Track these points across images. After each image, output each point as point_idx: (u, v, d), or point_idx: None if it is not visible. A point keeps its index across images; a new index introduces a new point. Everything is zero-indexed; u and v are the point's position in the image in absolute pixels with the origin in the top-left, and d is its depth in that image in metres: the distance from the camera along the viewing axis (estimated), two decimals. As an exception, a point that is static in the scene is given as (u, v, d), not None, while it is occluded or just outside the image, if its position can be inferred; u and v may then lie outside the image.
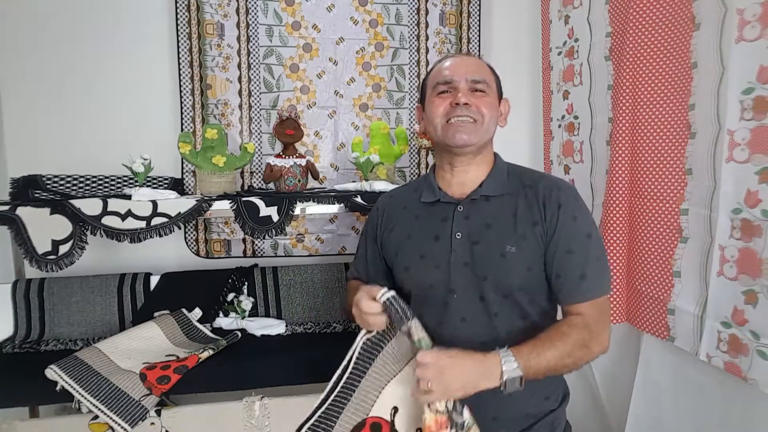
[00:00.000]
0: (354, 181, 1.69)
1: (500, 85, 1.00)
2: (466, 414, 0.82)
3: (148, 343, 1.41)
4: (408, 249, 0.98)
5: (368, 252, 1.10)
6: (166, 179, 1.76)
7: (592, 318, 0.88)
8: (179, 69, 1.76)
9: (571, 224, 0.90)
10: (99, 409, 1.17)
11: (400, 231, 1.01)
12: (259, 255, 1.90)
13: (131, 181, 1.68)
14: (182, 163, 1.79)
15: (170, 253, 1.84)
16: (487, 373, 0.79)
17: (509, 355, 0.80)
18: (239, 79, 1.81)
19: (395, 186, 1.53)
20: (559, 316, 0.97)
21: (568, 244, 0.89)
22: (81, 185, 1.64)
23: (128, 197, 1.36)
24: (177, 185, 1.77)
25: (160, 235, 1.34)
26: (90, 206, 1.31)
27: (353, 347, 0.91)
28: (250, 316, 1.65)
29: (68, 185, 1.62)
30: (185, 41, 1.76)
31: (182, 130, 1.78)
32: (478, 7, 1.91)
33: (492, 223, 0.92)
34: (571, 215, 0.91)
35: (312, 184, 1.73)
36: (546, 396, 0.95)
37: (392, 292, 0.87)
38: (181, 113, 1.78)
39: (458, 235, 0.93)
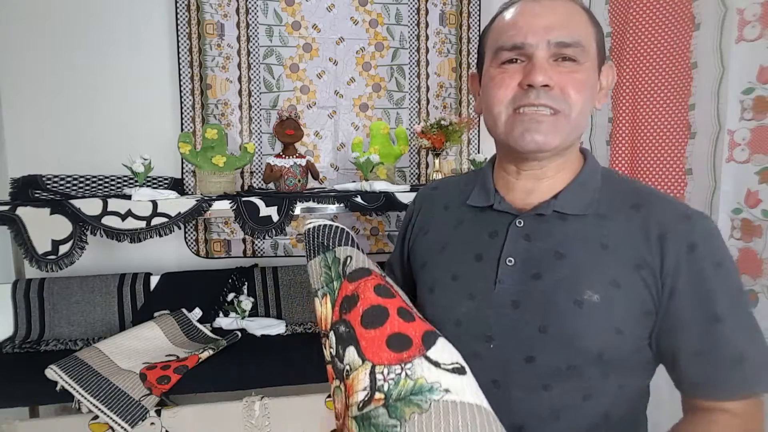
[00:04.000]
0: (354, 181, 1.69)
1: (603, 41, 0.66)
2: (347, 358, 0.62)
3: (148, 343, 1.41)
4: (438, 264, 0.73)
5: (394, 256, 0.89)
6: (166, 179, 1.76)
7: (753, 422, 0.60)
8: (179, 69, 1.76)
9: (713, 275, 0.59)
10: (99, 409, 1.17)
11: (434, 237, 0.76)
12: (259, 255, 1.89)
13: (131, 181, 1.68)
14: (182, 163, 1.79)
15: (170, 253, 1.84)
16: None
17: None
18: (239, 79, 1.81)
19: (396, 186, 1.54)
20: (656, 405, 0.72)
21: (713, 307, 0.58)
22: (81, 185, 1.64)
23: (128, 197, 1.36)
24: (177, 185, 1.77)
25: (160, 235, 1.34)
26: (90, 206, 1.31)
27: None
28: (250, 316, 1.65)
29: (68, 185, 1.62)
30: (185, 41, 1.76)
31: (182, 130, 1.78)
32: (478, 7, 1.91)
33: (566, 254, 0.62)
34: (713, 261, 0.59)
35: (312, 184, 1.73)
36: None
37: (318, 222, 0.74)
38: (181, 113, 1.78)
39: (510, 261, 0.65)
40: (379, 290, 0.66)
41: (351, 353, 0.61)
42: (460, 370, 0.58)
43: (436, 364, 0.58)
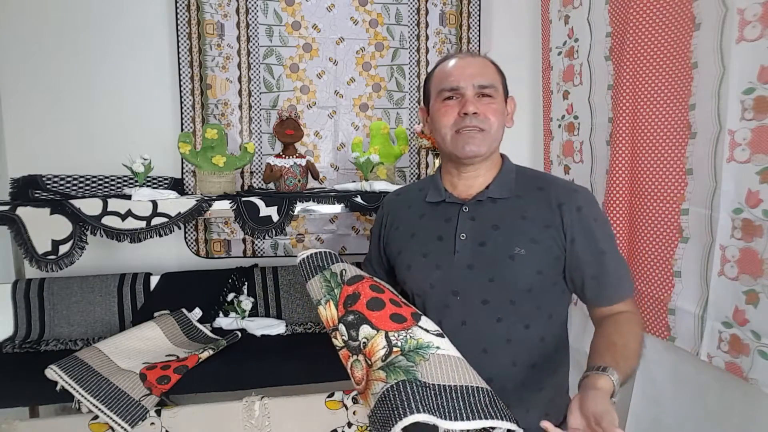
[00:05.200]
0: (354, 181, 1.69)
1: (506, 83, 0.98)
2: (362, 335, 0.85)
3: (148, 343, 1.41)
4: (411, 247, 0.98)
5: (372, 251, 1.14)
6: (166, 179, 1.76)
7: (636, 314, 0.93)
8: (179, 69, 1.76)
9: (595, 226, 0.90)
10: (99, 409, 1.17)
11: (404, 229, 1.02)
12: (259, 255, 1.89)
13: (131, 181, 1.68)
14: (182, 163, 1.79)
15: (170, 253, 1.84)
16: (608, 396, 0.74)
17: (615, 374, 0.75)
18: (239, 79, 1.81)
19: (396, 186, 1.54)
20: (574, 326, 0.96)
21: (599, 245, 0.90)
22: (81, 185, 1.64)
23: (128, 197, 1.36)
24: (177, 185, 1.77)
25: (160, 235, 1.34)
26: (90, 206, 1.31)
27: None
28: (250, 316, 1.65)
29: (68, 185, 1.62)
30: (185, 41, 1.76)
31: (182, 130, 1.78)
32: (478, 7, 1.91)
33: (499, 225, 0.91)
34: (593, 217, 0.91)
35: (312, 184, 1.73)
36: (546, 412, 0.91)
37: (309, 252, 0.98)
38: (181, 113, 1.78)
39: (462, 236, 0.92)
40: (373, 288, 0.92)
41: (365, 330, 0.85)
42: (441, 335, 0.86)
43: (427, 331, 0.85)
